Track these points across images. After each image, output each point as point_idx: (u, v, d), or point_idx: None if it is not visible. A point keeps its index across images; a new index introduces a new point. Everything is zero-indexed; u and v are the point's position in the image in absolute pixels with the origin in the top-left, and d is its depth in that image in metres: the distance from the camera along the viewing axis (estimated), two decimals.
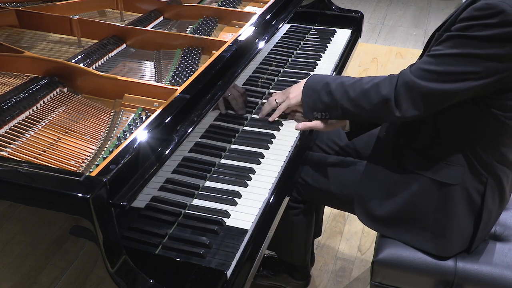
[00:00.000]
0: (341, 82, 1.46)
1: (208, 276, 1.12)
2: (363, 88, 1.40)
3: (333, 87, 1.46)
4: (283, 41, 2.06)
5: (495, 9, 1.19)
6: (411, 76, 1.32)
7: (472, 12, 1.23)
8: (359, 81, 1.44)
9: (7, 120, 1.26)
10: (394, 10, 5.36)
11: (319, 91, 1.49)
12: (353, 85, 1.43)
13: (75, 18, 1.73)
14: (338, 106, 1.46)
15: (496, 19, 1.19)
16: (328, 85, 1.48)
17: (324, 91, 1.48)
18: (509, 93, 1.29)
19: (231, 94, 1.58)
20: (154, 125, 1.21)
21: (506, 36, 1.20)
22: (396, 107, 1.35)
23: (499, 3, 1.19)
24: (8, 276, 1.14)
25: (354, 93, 1.42)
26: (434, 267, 1.47)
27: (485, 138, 1.37)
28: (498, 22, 1.19)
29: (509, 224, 1.58)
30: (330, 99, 1.47)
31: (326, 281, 2.20)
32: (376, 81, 1.40)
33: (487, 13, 1.20)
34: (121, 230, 1.07)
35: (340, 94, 1.44)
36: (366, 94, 1.39)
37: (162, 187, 1.24)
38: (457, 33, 1.25)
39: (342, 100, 1.44)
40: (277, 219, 1.38)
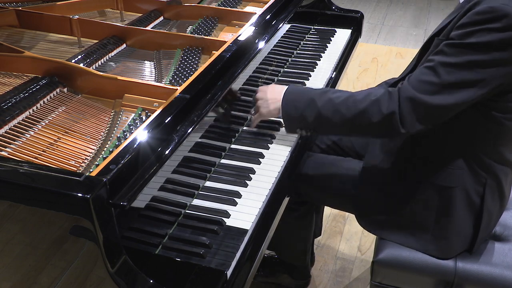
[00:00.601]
0: (329, 98, 1.37)
1: (208, 276, 1.12)
2: (360, 107, 1.32)
3: (320, 104, 1.37)
4: (283, 41, 2.06)
5: (498, 12, 1.16)
6: (413, 91, 1.27)
7: (474, 16, 1.20)
8: (351, 97, 1.35)
9: (7, 120, 1.26)
10: (394, 10, 5.36)
11: (303, 109, 1.39)
12: (345, 103, 1.34)
13: (75, 18, 1.73)
14: (327, 125, 1.38)
15: (500, 23, 1.16)
16: (313, 102, 1.38)
17: (310, 109, 1.38)
18: (510, 94, 1.28)
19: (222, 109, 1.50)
20: (154, 125, 1.21)
21: (510, 41, 1.17)
22: (400, 124, 1.29)
23: (503, 6, 1.16)
24: (8, 276, 1.14)
25: (350, 112, 1.33)
26: (434, 267, 1.46)
27: (485, 140, 1.37)
28: (502, 27, 1.16)
29: (509, 224, 1.58)
30: (317, 118, 1.37)
31: (326, 281, 2.20)
32: (373, 98, 1.32)
33: (490, 16, 1.17)
34: (121, 230, 1.07)
35: (331, 112, 1.36)
36: (365, 112, 1.31)
37: (162, 187, 1.24)
38: (459, 42, 1.22)
39: (333, 118, 1.36)
40: (277, 219, 1.38)
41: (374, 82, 3.79)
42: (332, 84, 1.96)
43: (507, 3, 1.17)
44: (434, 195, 1.43)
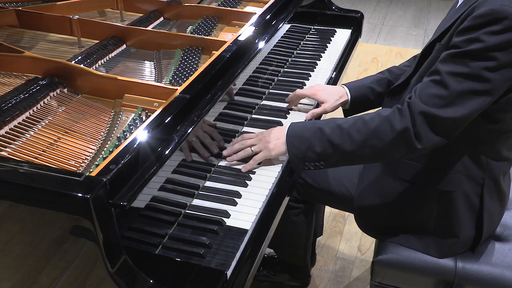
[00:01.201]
0: (337, 125, 1.33)
1: (208, 276, 1.11)
2: (371, 126, 1.29)
3: (328, 131, 1.32)
4: (283, 41, 2.06)
5: (499, 14, 1.15)
6: (424, 105, 1.24)
7: (475, 20, 1.19)
8: (360, 119, 1.32)
9: (7, 121, 1.26)
10: (394, 10, 5.36)
11: (310, 138, 1.34)
12: (355, 126, 1.31)
13: (75, 18, 1.73)
14: (338, 152, 1.32)
15: (501, 25, 1.15)
16: (321, 131, 1.33)
17: (317, 138, 1.33)
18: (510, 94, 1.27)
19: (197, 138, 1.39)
20: (154, 125, 1.21)
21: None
22: (416, 139, 1.25)
23: (503, 7, 1.15)
24: (8, 276, 1.14)
25: (361, 134, 1.29)
26: (434, 267, 1.47)
27: (483, 141, 1.37)
28: (504, 28, 1.16)
29: (509, 224, 1.58)
30: (326, 146, 1.32)
31: (326, 281, 2.20)
32: (383, 116, 1.29)
33: (491, 19, 1.16)
34: (121, 230, 1.07)
35: (340, 138, 1.31)
36: (377, 131, 1.28)
37: (162, 187, 1.24)
38: (463, 50, 1.20)
39: (344, 144, 1.31)
40: (277, 219, 1.38)
41: None
42: (332, 84, 1.96)
43: (507, 4, 1.16)
44: (434, 199, 1.43)
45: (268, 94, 1.82)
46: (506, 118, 1.32)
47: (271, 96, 1.82)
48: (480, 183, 1.41)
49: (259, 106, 1.75)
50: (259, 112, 1.72)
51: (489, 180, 1.41)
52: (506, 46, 1.17)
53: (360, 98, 1.68)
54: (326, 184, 1.63)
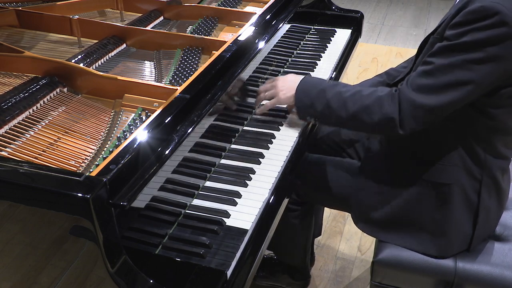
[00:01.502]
0: (338, 91, 1.43)
1: (208, 276, 1.11)
2: (364, 102, 1.37)
3: (329, 95, 1.43)
4: (283, 41, 2.06)
5: (489, 11, 1.19)
6: (412, 93, 1.30)
7: (466, 16, 1.23)
8: (359, 93, 1.40)
9: (7, 120, 1.26)
10: (394, 10, 5.37)
11: (314, 98, 1.46)
12: (352, 97, 1.40)
13: (75, 18, 1.73)
14: (333, 116, 1.43)
15: (491, 20, 1.19)
16: (324, 93, 1.44)
17: (319, 99, 1.45)
18: (503, 90, 1.29)
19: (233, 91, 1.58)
20: (154, 125, 1.21)
21: (502, 37, 1.20)
22: (399, 126, 1.33)
23: (494, 4, 1.19)
24: (8, 276, 1.14)
25: (354, 106, 1.39)
26: (434, 267, 1.47)
27: (479, 135, 1.38)
28: (493, 23, 1.19)
29: (509, 224, 1.58)
30: (325, 108, 1.44)
31: (326, 281, 2.20)
32: (378, 95, 1.36)
33: (482, 15, 1.20)
34: (121, 230, 1.07)
35: (337, 104, 1.41)
36: (367, 109, 1.37)
37: (162, 187, 1.24)
38: (453, 42, 1.24)
39: (340, 110, 1.41)
40: (277, 219, 1.38)
41: None
42: None
43: (497, 1, 1.19)
44: (430, 193, 1.44)
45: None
46: (499, 114, 1.33)
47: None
48: (478, 179, 1.41)
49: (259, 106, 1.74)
50: None
51: (487, 177, 1.42)
52: (494, 41, 1.21)
53: None
54: (325, 185, 1.63)
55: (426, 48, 1.38)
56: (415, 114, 1.31)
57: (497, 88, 1.29)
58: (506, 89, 1.29)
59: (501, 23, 1.19)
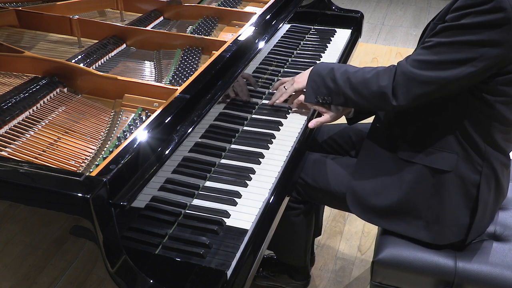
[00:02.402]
0: (345, 69, 1.50)
1: (208, 276, 1.11)
2: (364, 76, 1.44)
3: (338, 74, 1.51)
4: (283, 41, 2.07)
5: None
6: (408, 66, 1.36)
7: (464, 1, 1.27)
8: (362, 69, 1.48)
9: (7, 120, 1.26)
10: (394, 10, 5.37)
11: (324, 76, 1.53)
12: (355, 73, 1.47)
13: (75, 18, 1.73)
14: (341, 93, 1.50)
15: (489, 5, 1.23)
16: (333, 71, 1.52)
17: (329, 76, 1.52)
18: (499, 77, 1.32)
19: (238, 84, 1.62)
20: (154, 125, 1.21)
21: (499, 22, 1.24)
22: (393, 97, 1.38)
23: None
24: (8, 276, 1.14)
25: (356, 81, 1.46)
26: (434, 267, 1.47)
27: (477, 123, 1.39)
28: (490, 8, 1.23)
29: (509, 224, 1.58)
30: (333, 85, 1.51)
31: (326, 281, 2.20)
32: (377, 70, 1.43)
33: (480, 0, 1.24)
34: (121, 230, 1.07)
35: (343, 81, 1.48)
36: (366, 82, 1.43)
37: (162, 187, 1.24)
38: (451, 24, 1.29)
39: (345, 87, 1.48)
40: (277, 219, 1.38)
41: None
42: None
43: None
44: (427, 179, 1.45)
45: (268, 94, 1.82)
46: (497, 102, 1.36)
47: (271, 96, 1.82)
48: (478, 170, 1.43)
49: (259, 106, 1.75)
50: (259, 112, 1.72)
51: (487, 169, 1.43)
52: (492, 25, 1.24)
53: None
54: (326, 184, 1.63)
55: (426, 33, 1.42)
56: (407, 84, 1.36)
57: (494, 75, 1.32)
58: (502, 77, 1.32)
59: (498, 8, 1.22)
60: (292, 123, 1.68)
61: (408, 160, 1.48)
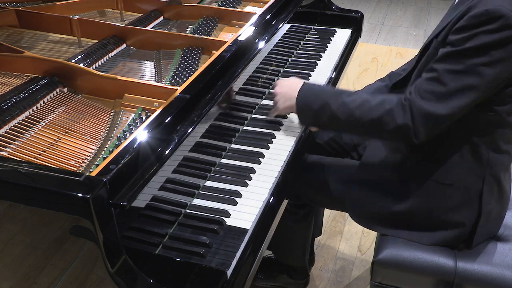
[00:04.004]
0: (343, 102, 1.40)
1: (208, 275, 1.11)
2: (375, 114, 1.35)
3: (334, 107, 1.40)
4: (283, 41, 2.06)
5: (494, 14, 1.19)
6: (423, 103, 1.29)
7: (471, 20, 1.22)
8: (366, 102, 1.37)
9: (7, 120, 1.26)
10: (394, 10, 5.36)
11: (317, 111, 1.44)
12: (360, 108, 1.37)
13: (75, 18, 1.73)
14: (341, 126, 1.44)
15: (496, 24, 1.19)
16: (328, 106, 1.41)
17: (324, 112, 1.42)
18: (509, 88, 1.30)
19: None
20: (154, 125, 1.21)
21: (508, 39, 1.20)
22: (414, 136, 1.32)
23: (498, 7, 1.19)
24: (8, 276, 1.14)
25: (365, 118, 1.37)
26: (434, 267, 1.46)
27: (483, 134, 1.38)
28: (499, 27, 1.19)
29: (510, 224, 1.58)
30: (331, 120, 1.42)
31: (326, 281, 2.20)
32: (387, 107, 1.35)
33: (486, 19, 1.20)
34: (121, 230, 1.07)
35: (346, 116, 1.39)
36: (379, 121, 1.35)
37: (163, 187, 1.24)
38: (459, 48, 1.24)
39: (348, 121, 1.40)
40: (277, 219, 1.38)
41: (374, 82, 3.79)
42: (332, 84, 1.96)
43: (502, 4, 1.19)
44: (432, 192, 1.44)
45: (268, 94, 1.82)
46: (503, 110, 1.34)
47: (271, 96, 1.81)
48: (480, 178, 1.42)
49: (259, 106, 1.75)
50: (259, 111, 1.72)
51: (490, 176, 1.42)
52: (500, 44, 1.21)
53: None
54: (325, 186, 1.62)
55: (430, 52, 1.37)
56: (427, 123, 1.30)
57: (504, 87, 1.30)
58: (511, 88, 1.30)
59: (506, 26, 1.19)
60: (292, 123, 1.68)
61: (411, 173, 1.46)
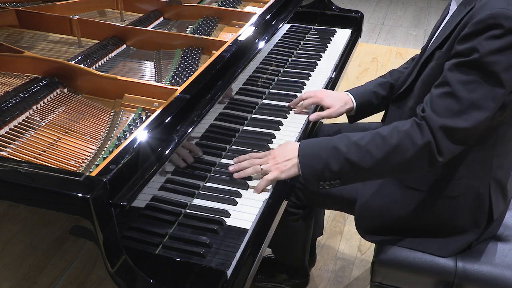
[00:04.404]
0: (352, 142, 1.31)
1: (208, 275, 1.11)
2: (391, 142, 1.28)
3: (344, 149, 1.30)
4: (283, 41, 2.06)
5: (498, 18, 1.16)
6: (441, 119, 1.24)
7: (475, 26, 1.19)
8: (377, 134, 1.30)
9: (7, 121, 1.26)
10: (394, 10, 5.36)
11: (326, 158, 1.31)
12: (373, 142, 1.29)
13: (75, 18, 1.73)
14: (357, 169, 1.31)
15: (501, 28, 1.16)
16: (337, 149, 1.31)
17: (333, 157, 1.31)
18: None
19: None
20: (154, 125, 1.21)
21: None
22: (438, 153, 1.26)
23: (503, 11, 1.16)
24: (8, 276, 1.14)
25: (381, 151, 1.28)
26: (434, 267, 1.46)
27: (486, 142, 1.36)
28: (504, 32, 1.16)
29: (509, 224, 1.58)
30: (343, 164, 1.30)
31: (326, 281, 2.20)
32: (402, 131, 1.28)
33: (491, 23, 1.17)
34: (121, 230, 1.07)
35: (359, 155, 1.29)
36: (398, 148, 1.27)
37: (163, 187, 1.24)
38: (468, 59, 1.21)
39: (364, 161, 1.29)
40: (277, 219, 1.38)
41: None
42: (332, 84, 1.96)
43: (505, 7, 1.17)
44: (438, 205, 1.43)
45: (268, 94, 1.82)
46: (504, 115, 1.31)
47: (271, 96, 1.82)
48: (486, 186, 1.40)
49: (259, 106, 1.75)
50: (259, 111, 1.72)
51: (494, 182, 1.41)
52: (509, 47, 1.17)
53: (365, 104, 1.70)
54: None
55: (435, 64, 1.34)
56: (451, 139, 1.25)
57: None
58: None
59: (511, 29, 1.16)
60: (292, 123, 1.68)
61: (416, 188, 1.44)
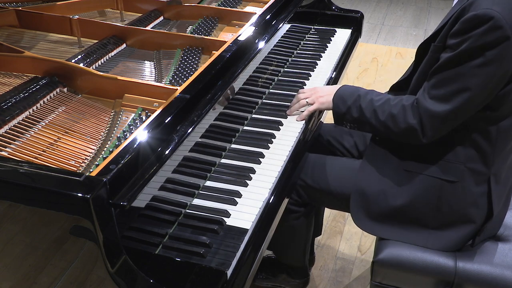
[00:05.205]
0: (371, 100, 1.50)
1: (208, 275, 1.11)
2: (391, 112, 1.45)
3: (364, 104, 1.51)
4: (283, 41, 2.06)
5: (483, 18, 1.25)
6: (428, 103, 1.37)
7: (463, 25, 1.29)
8: (388, 102, 1.47)
9: (7, 120, 1.26)
10: (394, 10, 5.36)
11: (350, 105, 1.53)
12: (382, 106, 1.47)
13: (75, 18, 1.73)
14: (367, 123, 1.51)
15: (486, 26, 1.25)
16: (358, 101, 1.52)
17: (355, 106, 1.52)
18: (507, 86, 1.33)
19: None
20: (154, 125, 1.21)
21: (499, 39, 1.25)
22: (422, 135, 1.40)
23: (487, 11, 1.25)
24: (8, 276, 1.14)
25: (383, 115, 1.46)
26: (434, 267, 1.46)
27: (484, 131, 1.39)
28: (488, 29, 1.25)
29: (509, 224, 1.58)
30: (359, 115, 1.51)
31: (326, 281, 2.20)
32: (402, 104, 1.44)
33: (476, 22, 1.26)
34: (121, 230, 1.07)
35: (369, 112, 1.49)
36: (393, 118, 1.44)
37: (163, 187, 1.24)
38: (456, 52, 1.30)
39: (371, 118, 1.49)
40: (278, 219, 1.38)
41: (374, 82, 3.79)
42: (332, 84, 1.96)
43: (489, 7, 1.25)
44: (435, 191, 1.44)
45: (268, 94, 1.82)
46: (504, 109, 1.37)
47: (271, 96, 1.82)
48: (485, 179, 1.43)
49: (259, 106, 1.75)
50: (259, 111, 1.72)
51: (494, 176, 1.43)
52: (492, 44, 1.26)
53: None
54: (326, 185, 1.62)
55: (429, 56, 1.42)
56: (432, 123, 1.38)
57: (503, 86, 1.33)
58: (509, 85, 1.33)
59: (495, 27, 1.24)
60: (292, 123, 1.68)
61: (413, 171, 1.48)
